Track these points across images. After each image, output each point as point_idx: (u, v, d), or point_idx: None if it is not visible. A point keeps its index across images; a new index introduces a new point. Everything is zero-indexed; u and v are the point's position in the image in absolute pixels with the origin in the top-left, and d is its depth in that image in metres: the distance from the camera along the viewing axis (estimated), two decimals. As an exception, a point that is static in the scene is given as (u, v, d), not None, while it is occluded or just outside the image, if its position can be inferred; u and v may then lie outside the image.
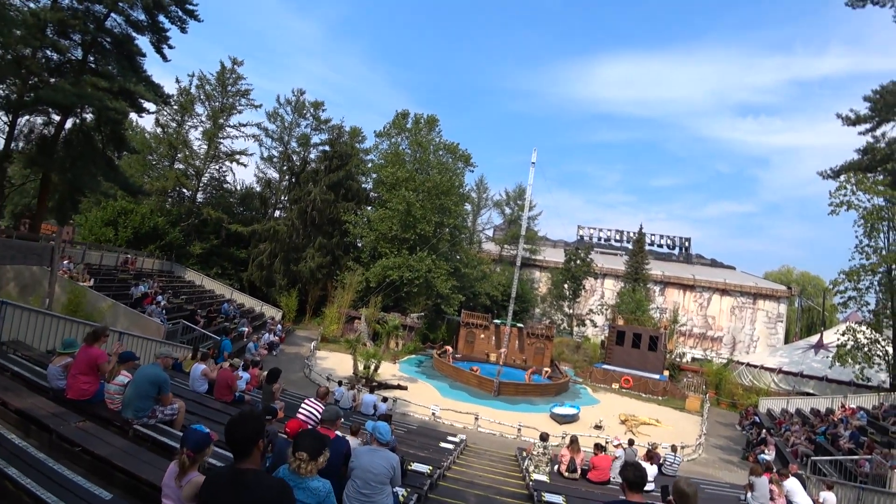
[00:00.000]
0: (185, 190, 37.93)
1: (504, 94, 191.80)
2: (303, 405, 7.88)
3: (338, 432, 5.26)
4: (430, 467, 8.15)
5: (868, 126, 14.09)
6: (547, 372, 31.30)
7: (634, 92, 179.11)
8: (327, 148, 41.84)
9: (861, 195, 24.18)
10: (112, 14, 22.15)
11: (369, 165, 43.54)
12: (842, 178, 20.55)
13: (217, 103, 38.09)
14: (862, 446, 16.62)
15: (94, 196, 28.54)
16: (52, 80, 21.02)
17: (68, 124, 23.03)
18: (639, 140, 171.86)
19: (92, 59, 22.63)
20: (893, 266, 24.04)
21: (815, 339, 35.71)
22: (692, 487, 3.87)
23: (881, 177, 18.91)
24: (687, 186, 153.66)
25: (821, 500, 10.88)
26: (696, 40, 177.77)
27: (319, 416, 7.65)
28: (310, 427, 6.35)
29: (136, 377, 5.82)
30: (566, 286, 46.27)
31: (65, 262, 17.40)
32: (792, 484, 11.03)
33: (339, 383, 16.55)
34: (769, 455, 18.00)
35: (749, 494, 10.79)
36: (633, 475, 4.01)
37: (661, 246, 57.40)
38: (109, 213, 29.25)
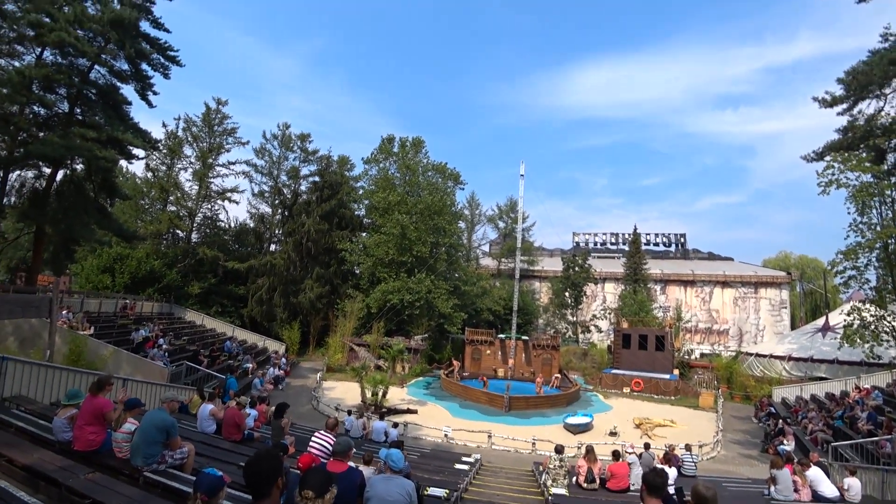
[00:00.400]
0: (179, 231, 37.99)
1: (487, 110, 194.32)
2: (313, 439, 7.77)
3: (351, 463, 5.19)
4: (447, 491, 8.02)
5: (844, 106, 14.34)
6: (557, 379, 31.03)
7: (615, 95, 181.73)
8: (317, 178, 42.11)
9: (849, 173, 24.45)
10: (96, 66, 22.48)
11: (360, 192, 43.84)
12: (826, 158, 20.81)
13: (205, 144, 38.44)
14: (881, 426, 16.47)
15: (89, 244, 28.53)
16: (41, 134, 21.25)
17: (59, 176, 23.18)
18: (624, 142, 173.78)
19: (79, 110, 22.89)
20: (890, 241, 24.13)
21: (820, 321, 35.63)
22: (711, 491, 3.81)
23: (864, 154, 19.14)
24: (676, 183, 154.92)
25: (845, 487, 10.73)
26: (668, 39, 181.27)
27: (331, 449, 7.57)
28: (321, 461, 6.26)
29: (143, 423, 5.75)
30: (567, 294, 46.20)
31: (63, 312, 17.30)
32: (815, 473, 10.90)
33: (349, 412, 16.36)
34: (789, 445, 17.80)
35: (773, 488, 10.63)
36: (652, 479, 4.01)
37: (657, 244, 57.55)
38: (105, 259, 29.23)
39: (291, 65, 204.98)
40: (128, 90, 24.51)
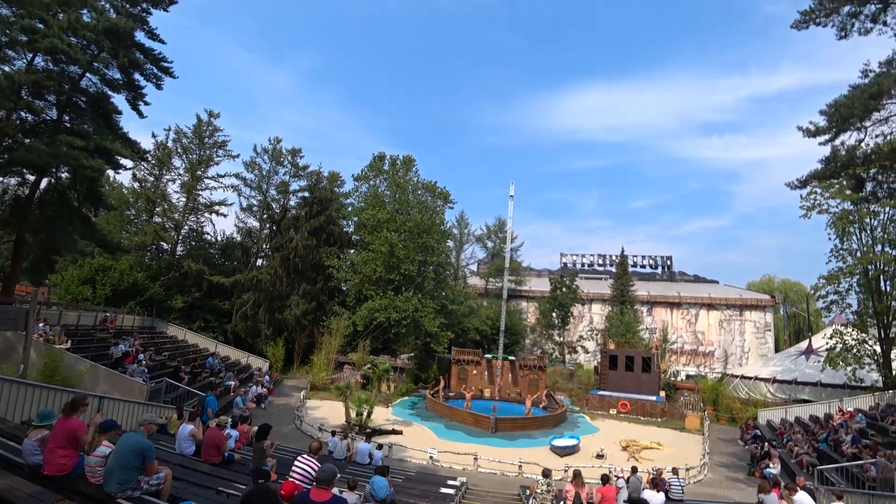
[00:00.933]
0: (164, 243, 37.41)
1: (478, 130, 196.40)
2: (296, 463, 7.54)
3: (335, 490, 5.02)
4: (434, 516, 7.81)
5: (827, 137, 14.80)
6: (543, 402, 30.83)
7: (604, 119, 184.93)
8: (307, 194, 41.95)
9: (830, 200, 25.10)
10: (87, 74, 22.25)
11: (349, 209, 43.75)
12: (810, 187, 21.35)
13: (194, 156, 38.13)
14: (866, 448, 16.57)
15: (71, 255, 27.92)
16: (27, 140, 20.86)
17: (43, 184, 22.73)
18: (613, 165, 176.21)
19: (67, 118, 22.57)
20: (870, 266, 24.67)
21: (804, 344, 36.06)
22: None
23: (844, 182, 19.70)
24: (663, 206, 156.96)
25: None
26: (656, 66, 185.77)
27: (314, 475, 7.34)
28: (304, 488, 6.06)
29: (118, 447, 5.50)
30: (554, 314, 46.22)
31: (40, 324, 16.80)
32: (802, 497, 10.87)
33: (333, 433, 15.95)
34: (775, 468, 17.81)
35: (760, 513, 10.55)
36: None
37: (643, 266, 58.09)
38: (86, 270, 28.61)
39: (285, 79, 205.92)
40: (119, 100, 24.38)
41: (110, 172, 33.08)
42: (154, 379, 17.58)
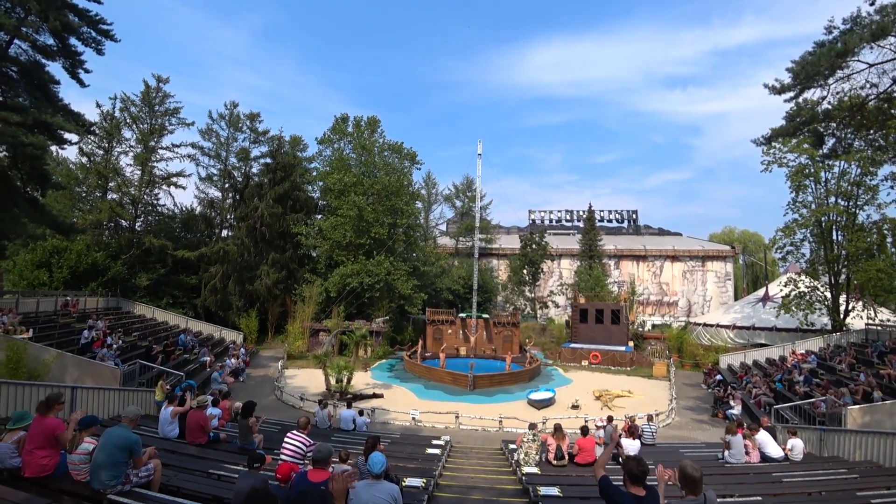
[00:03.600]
0: (122, 220, 35.67)
1: (441, 88, 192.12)
2: (286, 441, 7.57)
3: (331, 468, 5.07)
4: (424, 479, 8.05)
5: (792, 94, 15.11)
6: (511, 356, 31.83)
7: (567, 74, 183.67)
8: (269, 160, 40.46)
9: (789, 155, 26.00)
10: (16, 41, 20.40)
11: (314, 174, 42.64)
12: (774, 143, 22.01)
13: (145, 125, 35.95)
14: (817, 388, 17.87)
15: (21, 239, 26.37)
16: (-46, 119, 19.19)
17: (-21, 165, 21.14)
18: (577, 119, 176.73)
19: (-2, 91, 20.82)
20: (823, 218, 25.93)
21: (761, 292, 38.02)
22: (699, 472, 3.94)
23: (806, 136, 20.36)
24: (627, 160, 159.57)
25: (789, 447, 11.58)
26: (619, 19, 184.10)
27: (305, 451, 7.41)
28: (299, 467, 6.09)
29: (103, 442, 5.38)
30: (525, 271, 47.04)
31: (-3, 315, 16.00)
32: (763, 436, 11.72)
33: (320, 403, 15.91)
34: (736, 409, 19.05)
35: (726, 452, 11.35)
36: (635, 469, 4.01)
37: (610, 221, 59.31)
38: (40, 254, 27.14)
39: (237, 37, 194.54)
40: (55, 68, 22.51)
41: (54, 148, 30.97)
42: (126, 361, 17.13)
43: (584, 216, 52.27)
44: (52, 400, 5.86)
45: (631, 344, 33.58)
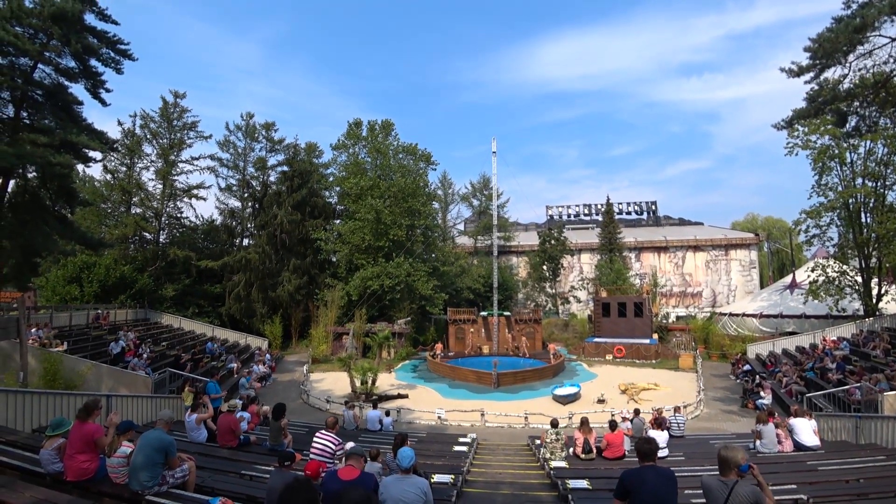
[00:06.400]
0: (146, 234, 36.66)
1: (454, 89, 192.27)
2: (315, 440, 7.70)
3: (367, 465, 5.15)
4: (452, 476, 8.10)
5: (811, 75, 14.68)
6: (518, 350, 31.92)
7: (580, 68, 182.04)
8: (286, 168, 41.09)
9: (813, 137, 25.33)
10: (39, 65, 21.09)
11: (331, 179, 43.18)
12: (796, 126, 21.48)
13: (165, 140, 36.88)
14: (851, 374, 17.36)
15: (52, 255, 27.27)
16: (-14, 143, 19.93)
17: (11, 186, 21.92)
18: (592, 113, 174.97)
19: (25, 114, 21.52)
20: (850, 200, 25.18)
21: (788, 279, 37.06)
22: (729, 451, 4.20)
23: (828, 117, 19.80)
24: (644, 151, 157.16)
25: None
26: (630, 10, 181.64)
27: (334, 450, 7.52)
28: (328, 466, 6.19)
29: (140, 445, 5.57)
30: (545, 267, 46.72)
31: (33, 329, 16.59)
32: (796, 424, 11.50)
33: (347, 405, 16.04)
34: (766, 399, 18.65)
35: (758, 442, 11.15)
36: (643, 447, 4.50)
37: (629, 213, 58.56)
38: (71, 270, 28.04)
39: (251, 50, 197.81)
40: (78, 89, 23.26)
41: (80, 167, 31.99)
42: (157, 370, 17.62)
43: (603, 209, 51.69)
44: (90, 406, 6.07)
45: (655, 336, 33.11)
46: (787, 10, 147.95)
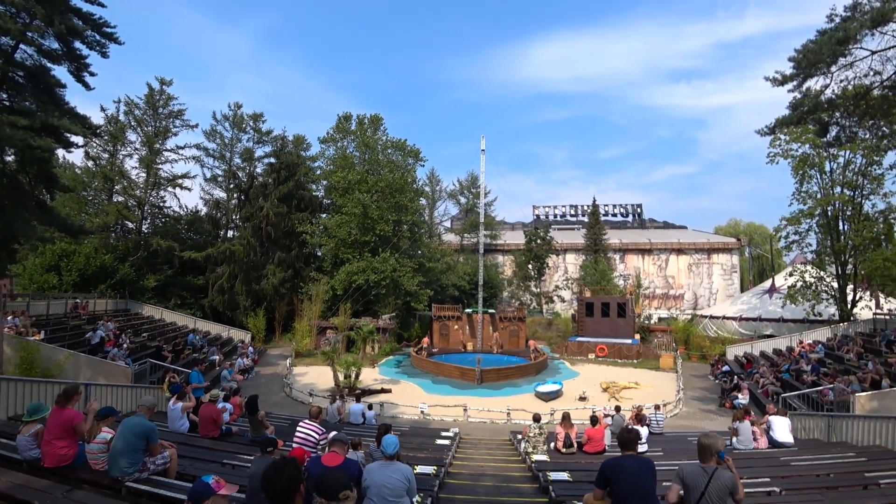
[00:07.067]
0: (128, 222, 35.95)
1: (445, 86, 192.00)
2: (299, 428, 7.70)
3: (349, 454, 5.17)
4: (435, 467, 8.16)
5: (794, 84, 15.03)
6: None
7: (572, 69, 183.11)
8: (273, 160, 40.65)
9: (794, 145, 25.91)
10: (21, 45, 20.55)
11: (318, 173, 42.87)
12: (778, 133, 21.98)
13: (150, 128, 36.16)
14: (825, 376, 17.83)
15: (30, 242, 26.62)
16: (-37, 123, 19.36)
17: (-12, 169, 21.33)
18: (582, 115, 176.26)
19: (5, 95, 20.96)
20: (828, 208, 25.82)
21: (767, 283, 37.87)
22: (709, 439, 4.39)
23: (810, 126, 20.27)
24: (632, 155, 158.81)
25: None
26: (623, 14, 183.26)
27: (317, 439, 7.52)
28: (311, 453, 6.20)
29: (121, 431, 5.50)
30: (530, 266, 47.05)
31: (9, 317, 16.22)
32: (773, 421, 11.81)
33: (332, 400, 16.05)
34: (744, 399, 19.06)
35: (734, 439, 11.40)
36: (624, 436, 4.73)
37: (615, 215, 59.22)
38: (49, 257, 27.39)
39: (241, 41, 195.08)
40: (61, 72, 22.57)
41: (60, 152, 31.26)
42: (137, 361, 17.35)
43: (589, 211, 52.23)
44: (69, 392, 5.98)
45: (637, 337, 33.57)
46: (774, 22, 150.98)
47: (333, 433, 5.37)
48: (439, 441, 12.52)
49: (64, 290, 26.36)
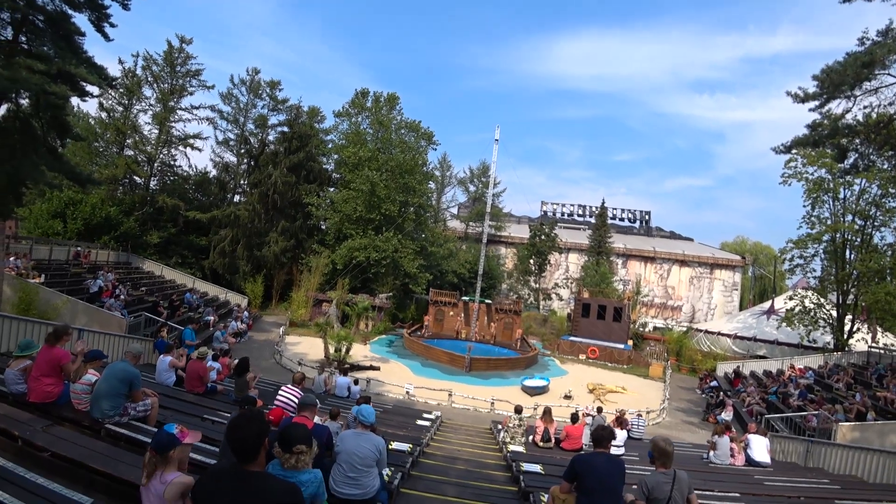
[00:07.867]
0: (137, 177, 36.06)
1: (465, 72, 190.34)
2: (280, 392, 7.82)
3: (317, 419, 5.25)
4: (411, 445, 8.28)
5: (816, 103, 14.79)
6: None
7: (595, 68, 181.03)
8: (286, 129, 40.52)
9: (809, 168, 25.64)
10: (43, -12, 20.48)
11: (330, 146, 42.75)
12: (793, 152, 21.72)
13: (166, 85, 36.09)
14: (812, 402, 17.86)
15: (38, 187, 26.73)
16: (-19, 62, 19.35)
17: (2, 111, 21.36)
18: (600, 116, 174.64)
19: (24, 39, 20.87)
20: (837, 235, 25.62)
21: (767, 305, 37.77)
22: (670, 446, 4.40)
23: (828, 150, 20.02)
24: (646, 161, 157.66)
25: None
26: (653, 18, 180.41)
27: (296, 403, 7.63)
28: (290, 415, 6.31)
29: (105, 375, 5.61)
30: (532, 261, 47.06)
31: (11, 258, 16.41)
32: (752, 440, 11.87)
33: (319, 369, 16.30)
34: (727, 416, 19.13)
35: (712, 453, 11.49)
36: (597, 433, 4.79)
37: (622, 220, 58.95)
38: (56, 204, 27.59)
39: (267, 5, 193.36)
40: (81, 20, 22.43)
41: (75, 100, 31.21)
42: (132, 313, 17.53)
43: (597, 212, 52.00)
44: (59, 331, 6.09)
45: (630, 342, 33.67)
46: (806, 41, 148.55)
47: (303, 395, 5.43)
48: (420, 422, 12.67)
49: (68, 238, 26.58)
